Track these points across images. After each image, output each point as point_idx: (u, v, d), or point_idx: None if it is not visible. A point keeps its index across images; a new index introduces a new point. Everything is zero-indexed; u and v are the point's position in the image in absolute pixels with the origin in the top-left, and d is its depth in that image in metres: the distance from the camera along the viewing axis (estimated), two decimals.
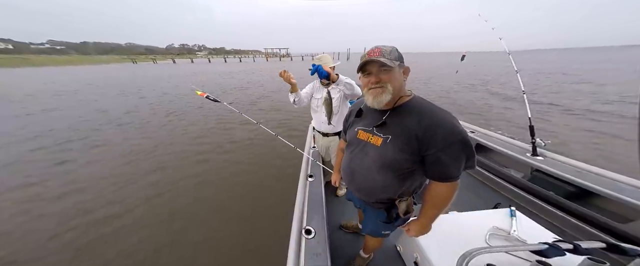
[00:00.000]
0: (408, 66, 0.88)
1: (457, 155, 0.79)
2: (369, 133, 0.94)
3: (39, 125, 6.16)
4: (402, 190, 0.96)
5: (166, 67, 36.88)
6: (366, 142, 0.95)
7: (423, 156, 0.83)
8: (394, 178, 0.92)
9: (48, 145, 4.78)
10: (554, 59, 40.00)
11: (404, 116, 0.85)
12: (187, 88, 12.41)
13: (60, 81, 17.57)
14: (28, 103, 9.06)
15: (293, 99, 1.77)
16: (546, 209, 1.93)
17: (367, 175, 0.97)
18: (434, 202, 0.91)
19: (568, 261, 0.84)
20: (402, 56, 0.84)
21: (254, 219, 2.58)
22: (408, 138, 0.82)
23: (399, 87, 0.85)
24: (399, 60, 0.82)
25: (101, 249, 2.19)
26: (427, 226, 0.98)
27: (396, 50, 0.83)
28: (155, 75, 21.80)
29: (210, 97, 2.07)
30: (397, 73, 0.83)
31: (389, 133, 0.88)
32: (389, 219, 1.04)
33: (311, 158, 2.02)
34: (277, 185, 3.23)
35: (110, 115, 7.08)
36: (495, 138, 2.57)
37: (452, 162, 0.80)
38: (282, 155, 4.08)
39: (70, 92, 12.02)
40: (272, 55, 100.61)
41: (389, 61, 0.79)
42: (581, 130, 5.07)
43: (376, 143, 0.91)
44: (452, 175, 0.82)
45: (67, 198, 3.00)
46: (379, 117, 0.91)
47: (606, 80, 11.95)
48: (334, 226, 1.90)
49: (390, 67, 0.80)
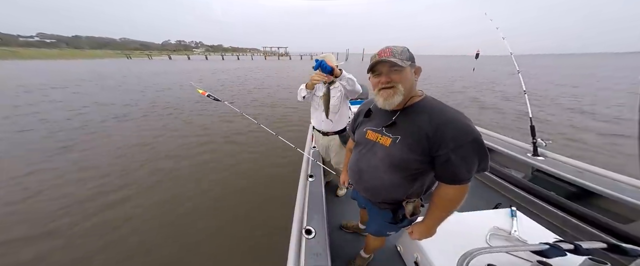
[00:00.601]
0: (420, 66, 0.87)
1: (469, 156, 0.76)
2: (378, 133, 0.93)
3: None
4: (410, 191, 0.95)
5: (161, 64, 36.52)
6: (375, 141, 0.94)
7: (433, 157, 0.81)
8: (402, 179, 0.90)
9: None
10: (555, 65, 39.66)
11: (414, 116, 0.84)
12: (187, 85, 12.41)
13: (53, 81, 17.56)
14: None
15: (304, 94, 1.78)
16: (547, 209, 1.93)
17: (375, 174, 0.96)
18: (441, 205, 0.89)
19: (569, 262, 0.83)
20: (413, 56, 0.84)
21: (254, 219, 2.58)
22: (418, 137, 0.81)
23: (410, 87, 0.83)
24: (410, 60, 0.81)
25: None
26: (432, 228, 0.96)
27: (407, 51, 0.82)
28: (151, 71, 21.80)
29: (211, 96, 2.07)
30: (409, 73, 0.82)
31: (398, 134, 0.86)
32: (394, 220, 1.03)
33: (311, 158, 2.02)
34: (277, 185, 3.23)
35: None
36: (496, 138, 2.56)
37: (463, 164, 0.77)
38: (282, 155, 4.08)
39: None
40: (270, 53, 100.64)
41: (400, 61, 0.79)
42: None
43: (385, 143, 0.89)
44: (463, 178, 0.79)
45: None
46: (389, 117, 0.90)
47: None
48: (334, 226, 1.90)
49: (401, 67, 0.79)
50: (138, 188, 3.20)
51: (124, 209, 2.76)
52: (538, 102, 8.51)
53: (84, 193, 3.07)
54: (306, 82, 1.72)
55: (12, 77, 17.09)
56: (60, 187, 3.23)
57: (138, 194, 3.05)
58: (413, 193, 0.96)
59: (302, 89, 1.78)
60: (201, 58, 69.14)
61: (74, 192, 3.10)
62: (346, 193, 2.34)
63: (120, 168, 3.72)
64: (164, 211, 2.72)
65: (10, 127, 5.81)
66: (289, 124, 6.12)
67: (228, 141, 4.94)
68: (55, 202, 2.89)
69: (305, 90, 1.76)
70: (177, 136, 5.23)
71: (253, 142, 4.83)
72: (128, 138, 5.05)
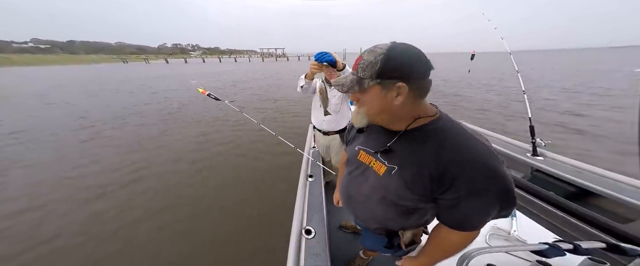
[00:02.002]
0: (403, 84, 0.55)
1: (488, 206, 0.58)
2: (372, 157, 0.74)
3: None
4: (407, 225, 0.81)
5: (160, 67, 36.28)
6: (367, 165, 0.76)
7: (436, 198, 0.62)
8: (396, 214, 0.75)
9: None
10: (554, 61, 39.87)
11: (418, 144, 0.63)
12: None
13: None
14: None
15: (303, 84, 1.76)
16: (546, 209, 1.93)
17: (366, 204, 0.80)
18: (441, 249, 0.74)
19: (568, 262, 0.84)
20: (397, 67, 0.55)
21: (253, 219, 2.58)
22: (419, 175, 0.61)
23: (383, 110, 0.62)
24: (379, 77, 0.56)
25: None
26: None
27: (380, 62, 0.55)
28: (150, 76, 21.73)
29: (211, 95, 2.08)
30: (375, 96, 0.60)
31: (394, 163, 0.67)
32: (389, 245, 0.89)
33: (311, 158, 2.02)
34: (277, 185, 3.23)
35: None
36: (495, 138, 2.56)
37: (477, 212, 0.59)
38: (281, 155, 4.08)
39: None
40: (268, 55, 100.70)
41: (353, 81, 0.61)
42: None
43: (379, 172, 0.71)
44: (474, 225, 0.63)
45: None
46: (385, 139, 0.69)
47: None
48: (334, 226, 1.90)
49: (359, 87, 0.60)
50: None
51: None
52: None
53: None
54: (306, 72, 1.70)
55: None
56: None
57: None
58: (411, 226, 0.82)
59: (301, 79, 1.75)
60: (198, 61, 69.21)
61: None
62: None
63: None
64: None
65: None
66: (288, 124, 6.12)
67: (226, 141, 4.95)
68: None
69: (304, 79, 1.73)
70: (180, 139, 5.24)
71: (254, 142, 4.83)
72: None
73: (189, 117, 6.81)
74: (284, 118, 6.61)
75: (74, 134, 5.49)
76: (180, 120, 6.61)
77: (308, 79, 1.71)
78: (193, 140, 5.03)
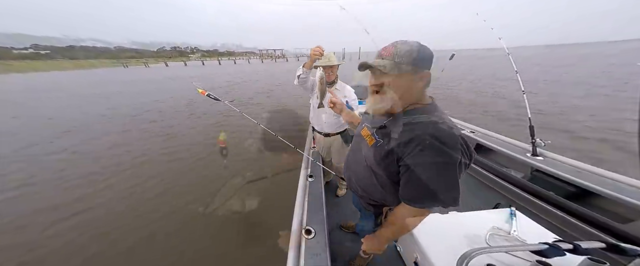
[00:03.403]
0: (429, 72, 0.72)
1: (427, 179, 0.67)
2: (370, 132, 0.89)
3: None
4: (388, 200, 0.91)
5: (161, 71, 35.97)
6: (364, 138, 0.92)
7: (398, 173, 0.76)
8: (376, 183, 0.88)
9: None
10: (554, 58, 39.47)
11: (404, 125, 0.74)
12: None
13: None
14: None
15: (300, 73, 1.69)
16: (546, 209, 1.93)
17: (356, 169, 0.98)
18: (391, 223, 0.84)
19: (568, 261, 0.83)
20: (426, 58, 0.70)
21: (253, 219, 2.58)
22: (392, 150, 0.74)
23: (406, 94, 0.73)
24: (414, 64, 0.68)
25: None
26: (377, 245, 0.92)
27: (415, 52, 0.67)
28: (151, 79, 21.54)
29: (211, 96, 2.07)
30: (406, 79, 0.71)
31: (381, 138, 0.81)
32: (376, 224, 1.01)
33: (311, 159, 2.02)
34: (276, 185, 3.23)
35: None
36: (495, 138, 2.56)
37: (416, 184, 0.70)
38: (281, 154, 4.08)
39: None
40: (266, 56, 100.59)
41: (394, 65, 0.69)
42: None
43: (369, 143, 0.87)
44: (414, 199, 0.73)
45: None
46: (383, 119, 0.84)
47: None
48: (334, 226, 1.90)
49: (394, 72, 0.70)
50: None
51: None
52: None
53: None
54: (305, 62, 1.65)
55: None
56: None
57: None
58: (392, 202, 0.91)
59: (299, 68, 1.69)
60: (198, 63, 68.99)
61: None
62: (346, 194, 2.35)
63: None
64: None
65: None
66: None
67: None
68: None
69: (302, 69, 1.66)
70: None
71: (252, 142, 4.83)
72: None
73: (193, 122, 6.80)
74: (284, 119, 6.62)
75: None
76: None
77: (306, 68, 1.64)
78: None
